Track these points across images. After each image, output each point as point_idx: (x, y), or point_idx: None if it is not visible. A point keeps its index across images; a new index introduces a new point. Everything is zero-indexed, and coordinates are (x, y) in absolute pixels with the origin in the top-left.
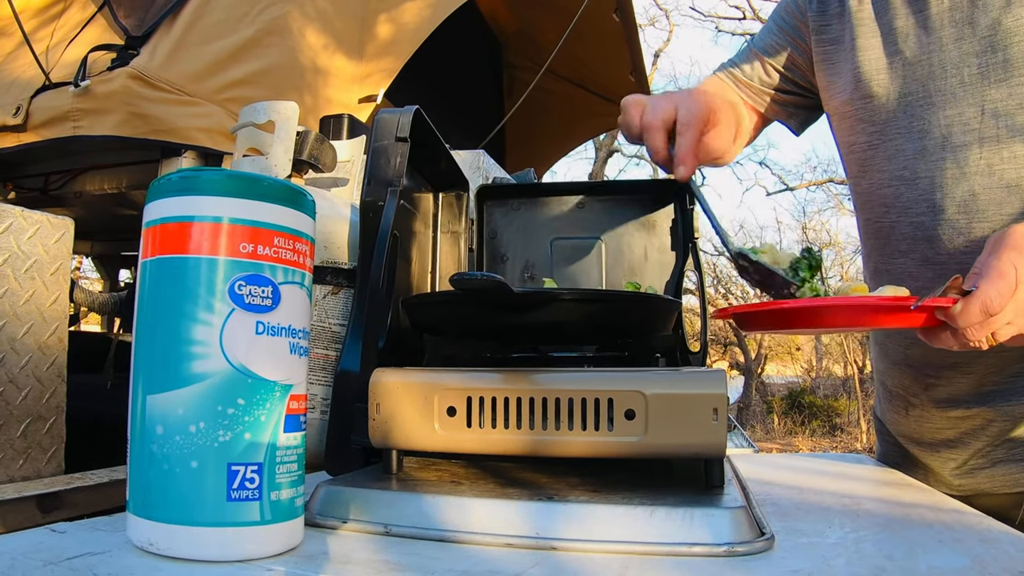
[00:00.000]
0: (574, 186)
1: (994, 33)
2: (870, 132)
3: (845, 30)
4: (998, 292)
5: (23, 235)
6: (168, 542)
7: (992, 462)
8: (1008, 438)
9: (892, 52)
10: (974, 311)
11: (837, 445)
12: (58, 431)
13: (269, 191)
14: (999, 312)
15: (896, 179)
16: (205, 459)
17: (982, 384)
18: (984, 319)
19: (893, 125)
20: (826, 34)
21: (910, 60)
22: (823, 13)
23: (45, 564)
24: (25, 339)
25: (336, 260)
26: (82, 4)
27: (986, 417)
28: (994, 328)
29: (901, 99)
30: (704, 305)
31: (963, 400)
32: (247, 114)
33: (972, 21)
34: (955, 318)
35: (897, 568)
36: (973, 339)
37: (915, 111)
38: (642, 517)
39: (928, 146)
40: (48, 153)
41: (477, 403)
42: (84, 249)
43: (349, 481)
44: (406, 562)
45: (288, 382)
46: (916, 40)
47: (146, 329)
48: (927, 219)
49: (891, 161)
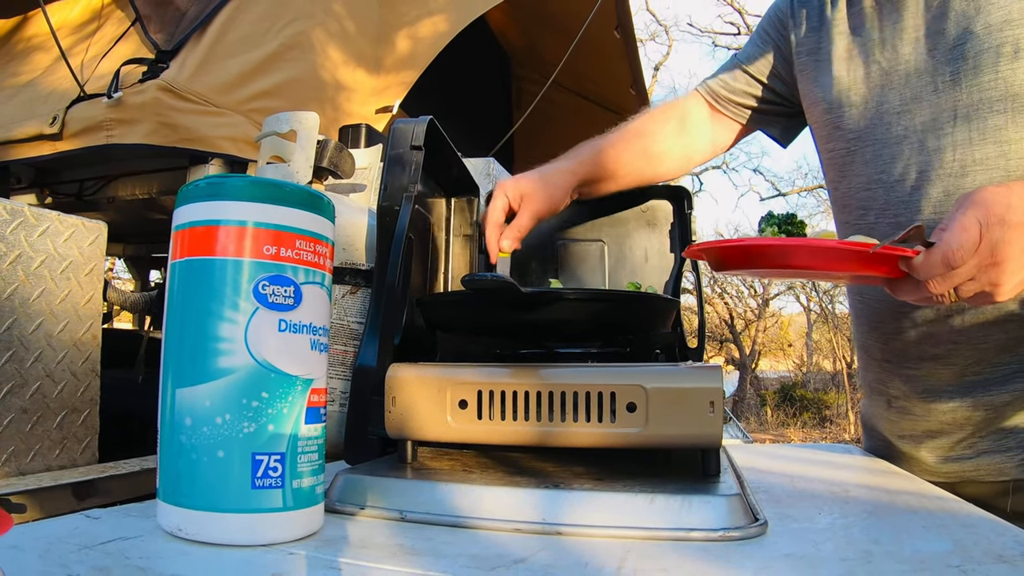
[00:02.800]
0: None
1: (965, 41)
2: (848, 139)
3: (823, 42)
4: (960, 245)
5: (59, 238)
6: (196, 527)
7: (977, 452)
8: (993, 429)
9: (868, 62)
10: (936, 262)
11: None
12: (92, 423)
13: (291, 196)
14: (961, 266)
15: (874, 182)
16: (231, 449)
17: (963, 375)
18: (946, 271)
19: (870, 132)
20: (806, 46)
21: (886, 69)
22: (803, 26)
23: (80, 548)
24: (61, 336)
25: (354, 261)
26: (116, 20)
27: (968, 408)
28: (956, 283)
29: (878, 107)
30: (701, 304)
31: (945, 392)
32: (270, 124)
33: (943, 31)
34: (917, 269)
35: (883, 552)
36: (935, 292)
37: (891, 118)
38: (643, 504)
39: (904, 150)
40: (83, 160)
41: (487, 396)
42: (117, 251)
43: (366, 470)
44: (420, 546)
45: (309, 376)
46: (892, 49)
47: (175, 326)
48: (904, 219)
49: (868, 166)
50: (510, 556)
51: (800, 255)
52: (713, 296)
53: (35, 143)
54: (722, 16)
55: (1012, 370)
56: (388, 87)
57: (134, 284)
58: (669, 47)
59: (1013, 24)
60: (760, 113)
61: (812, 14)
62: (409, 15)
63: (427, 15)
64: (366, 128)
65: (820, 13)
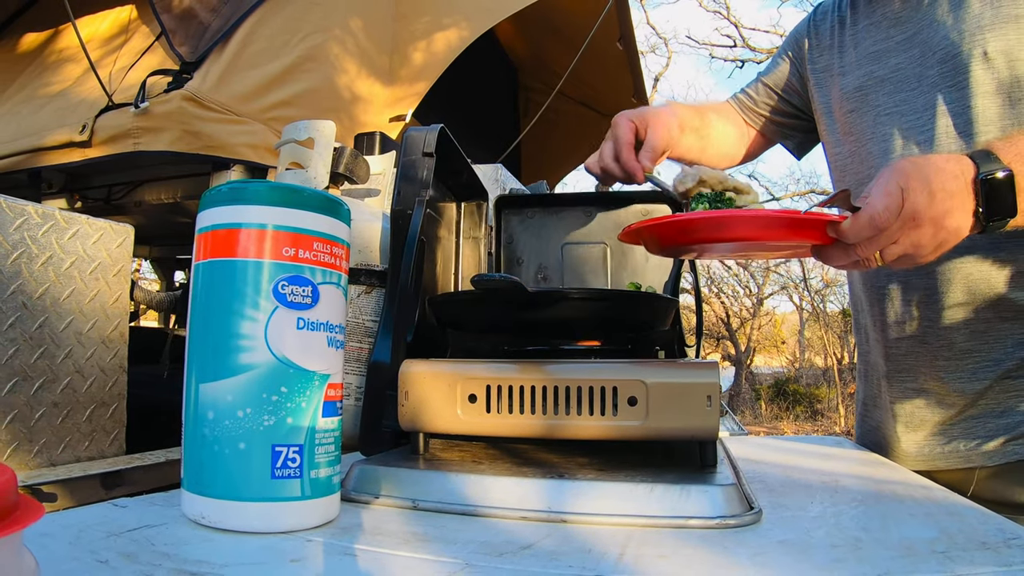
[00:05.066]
0: (582, 196)
1: (946, 47)
2: (850, 142)
3: (832, 59)
4: (885, 207)
5: (88, 240)
6: (218, 515)
7: (949, 439)
8: (963, 417)
9: (870, 73)
10: (863, 224)
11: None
12: (120, 416)
13: (309, 201)
14: (887, 228)
15: (866, 179)
16: (252, 441)
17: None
18: (873, 234)
19: (866, 133)
20: (819, 63)
21: (882, 77)
22: (818, 45)
23: (108, 535)
24: (90, 333)
25: (369, 263)
26: (142, 34)
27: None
28: (882, 245)
29: (872, 110)
30: (699, 303)
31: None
32: (289, 132)
33: (929, 40)
34: (845, 233)
35: (872, 539)
36: (862, 255)
37: (882, 119)
38: (643, 493)
39: (893, 147)
40: (111, 167)
41: (495, 391)
42: (143, 253)
43: (380, 461)
44: (432, 533)
45: (326, 372)
46: (891, 59)
47: (199, 324)
48: None
49: (863, 164)
50: (517, 542)
51: (733, 226)
52: (710, 296)
53: (66, 150)
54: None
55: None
56: (401, 97)
57: (160, 284)
58: (668, 59)
59: (984, 29)
60: (779, 125)
61: (825, 34)
62: (422, 29)
63: (439, 29)
64: (380, 136)
65: (831, 33)
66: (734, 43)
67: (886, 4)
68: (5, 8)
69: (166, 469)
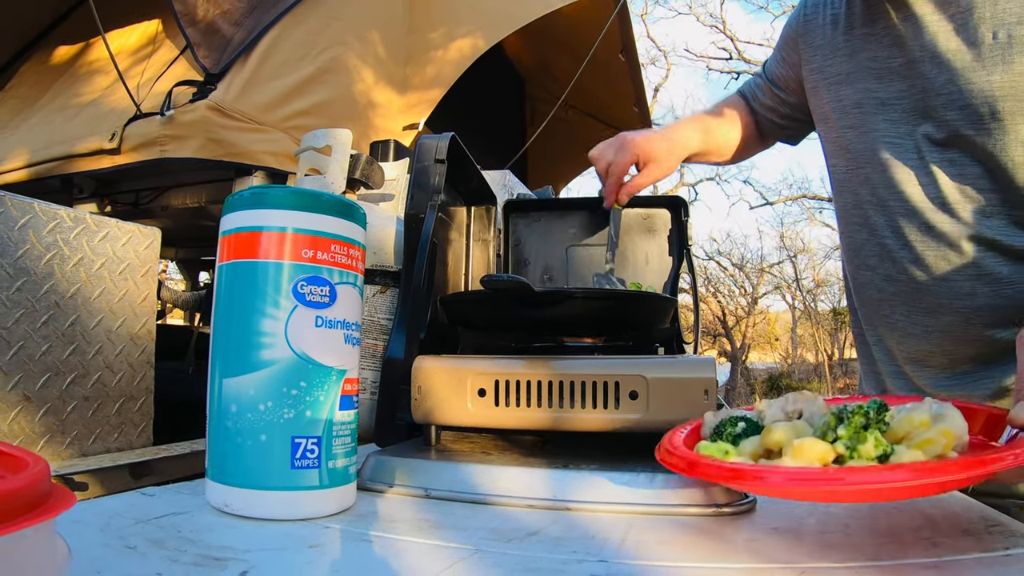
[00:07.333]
0: (586, 201)
1: (951, 91)
2: (847, 158)
3: (826, 62)
4: None
5: (117, 242)
6: (241, 503)
7: None
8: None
9: (870, 91)
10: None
11: None
12: (147, 409)
13: (327, 205)
14: None
15: (866, 202)
16: (272, 433)
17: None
18: None
19: (865, 154)
20: (813, 64)
21: (883, 101)
22: (811, 44)
23: (136, 522)
24: (119, 331)
25: (384, 264)
26: (168, 46)
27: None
28: None
29: (871, 132)
30: (697, 302)
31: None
32: (308, 140)
33: (914, 57)
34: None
35: (861, 527)
36: None
37: (882, 145)
38: (644, 483)
39: (896, 179)
40: (139, 173)
41: (504, 385)
42: (169, 254)
43: (394, 452)
44: (443, 520)
45: (343, 367)
46: (894, 84)
47: (222, 322)
48: (891, 242)
49: (863, 186)
50: (524, 529)
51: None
52: (708, 295)
53: (96, 157)
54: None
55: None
56: (414, 106)
57: (185, 284)
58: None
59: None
60: (774, 120)
61: (817, 33)
62: (434, 42)
63: (450, 41)
64: (394, 143)
65: (824, 32)
66: (729, 56)
67: (885, 17)
68: (38, 23)
69: (191, 459)
